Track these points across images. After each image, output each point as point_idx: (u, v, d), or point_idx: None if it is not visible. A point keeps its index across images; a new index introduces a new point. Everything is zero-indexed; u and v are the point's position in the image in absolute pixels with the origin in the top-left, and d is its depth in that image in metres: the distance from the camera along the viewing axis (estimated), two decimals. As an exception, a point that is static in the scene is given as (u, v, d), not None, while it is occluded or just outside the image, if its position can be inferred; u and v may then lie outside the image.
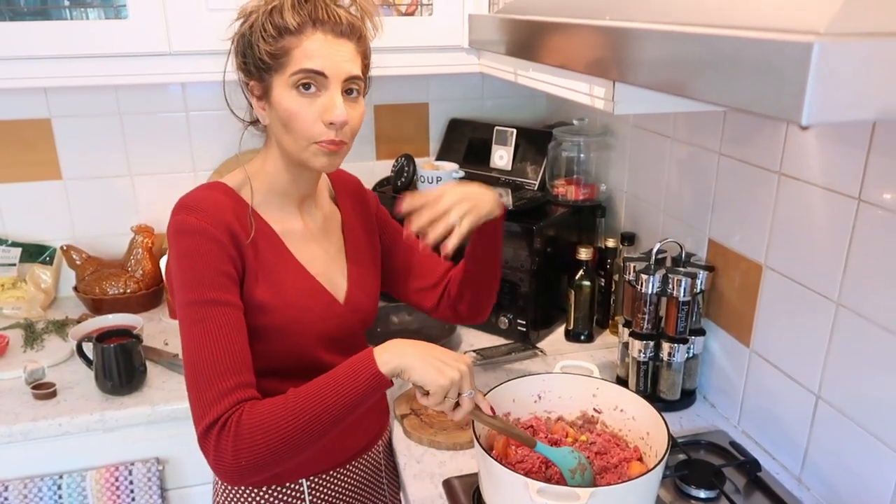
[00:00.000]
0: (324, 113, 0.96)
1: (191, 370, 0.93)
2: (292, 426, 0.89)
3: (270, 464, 0.89)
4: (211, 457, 0.90)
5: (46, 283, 1.79)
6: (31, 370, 1.42)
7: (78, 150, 1.78)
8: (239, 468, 0.88)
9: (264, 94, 1.00)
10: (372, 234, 1.22)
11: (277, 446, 0.88)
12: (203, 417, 0.90)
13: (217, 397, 0.90)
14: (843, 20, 0.43)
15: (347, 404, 0.90)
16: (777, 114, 0.44)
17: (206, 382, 0.91)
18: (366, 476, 1.20)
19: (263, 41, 0.96)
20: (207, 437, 0.89)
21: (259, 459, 0.88)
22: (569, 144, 1.68)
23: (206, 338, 0.92)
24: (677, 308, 1.27)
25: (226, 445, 0.88)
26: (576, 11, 0.84)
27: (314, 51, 0.95)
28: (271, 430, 0.88)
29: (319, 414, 0.89)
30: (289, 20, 0.95)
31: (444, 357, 0.94)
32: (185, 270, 0.95)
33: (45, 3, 1.41)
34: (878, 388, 0.98)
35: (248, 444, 0.88)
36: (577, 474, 0.98)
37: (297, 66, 0.95)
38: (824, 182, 1.04)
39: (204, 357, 0.92)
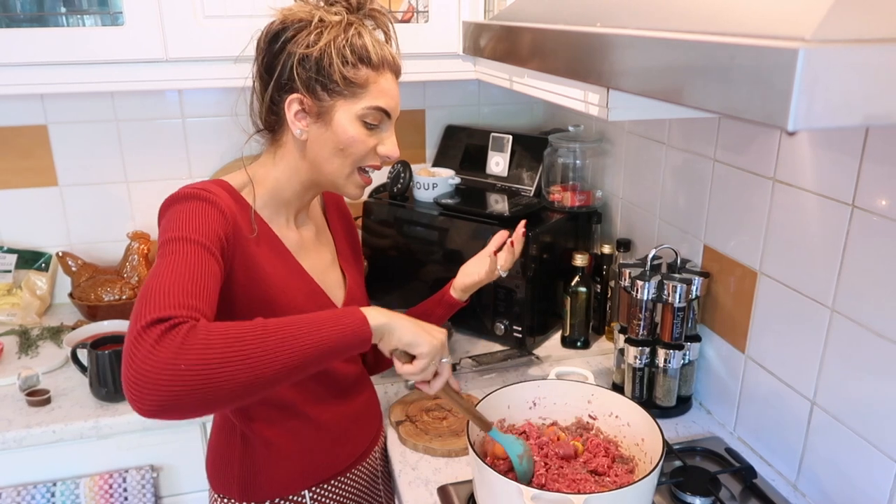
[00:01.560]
0: (380, 146, 1.03)
1: (150, 283, 0.80)
2: (256, 348, 0.76)
3: (210, 383, 0.73)
4: (142, 351, 0.72)
5: (42, 289, 1.79)
6: (26, 377, 1.42)
7: (74, 157, 1.78)
8: (173, 373, 0.71)
9: (319, 114, 0.99)
10: (355, 247, 1.25)
11: (231, 362, 0.74)
12: (149, 313, 0.75)
13: (177, 304, 0.77)
14: (829, 27, 0.43)
15: (321, 345, 0.81)
16: (764, 120, 0.45)
17: (168, 291, 0.78)
18: (365, 483, 1.20)
19: (341, 63, 0.96)
20: (148, 330, 0.73)
21: (202, 370, 0.72)
22: (565, 151, 1.69)
23: (182, 264, 0.83)
24: (673, 314, 1.27)
25: (171, 340, 0.73)
26: (569, 18, 0.85)
27: (388, 90, 1.01)
28: (231, 341, 0.75)
29: (288, 343, 0.79)
30: (373, 55, 0.98)
31: (427, 324, 0.95)
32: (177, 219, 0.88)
33: (41, 9, 1.41)
34: (872, 394, 0.98)
35: (200, 345, 0.73)
36: (523, 460, 1.02)
37: (373, 102, 0.99)
38: (818, 188, 1.04)
39: (174, 274, 0.81)
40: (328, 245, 1.17)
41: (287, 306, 1.01)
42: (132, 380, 0.72)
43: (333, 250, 1.18)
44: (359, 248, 1.27)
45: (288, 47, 0.97)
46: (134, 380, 0.72)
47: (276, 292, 1.00)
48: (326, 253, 1.16)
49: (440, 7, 1.56)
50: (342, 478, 1.15)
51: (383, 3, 1.56)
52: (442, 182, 1.73)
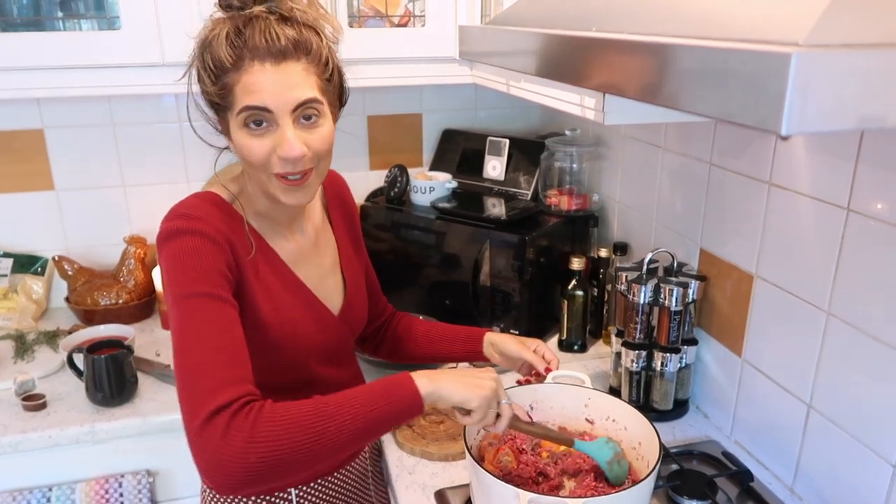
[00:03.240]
0: (277, 149, 0.90)
1: (183, 362, 0.82)
2: (318, 431, 0.80)
3: (282, 467, 0.79)
4: (213, 444, 0.76)
5: (38, 293, 1.78)
6: (22, 381, 1.41)
7: (70, 161, 1.78)
8: (246, 464, 0.76)
9: (226, 131, 0.96)
10: (358, 242, 1.22)
11: (298, 446, 0.79)
12: (206, 403, 0.78)
13: (222, 385, 0.80)
14: (822, 31, 0.43)
15: (378, 420, 0.84)
16: (757, 124, 0.45)
17: (207, 371, 0.81)
18: (353, 482, 1.20)
19: (207, 80, 0.90)
20: (212, 421, 0.77)
21: (273, 458, 0.77)
22: (561, 155, 1.69)
23: (203, 329, 0.83)
24: (669, 318, 1.27)
25: (238, 432, 0.76)
26: (564, 23, 0.85)
27: (254, 84, 0.87)
28: (296, 425, 0.79)
29: (349, 425, 0.82)
30: (223, 55, 0.88)
31: (475, 373, 0.94)
32: (180, 267, 0.88)
33: (38, 14, 1.42)
34: (869, 398, 0.98)
35: (267, 435, 0.77)
36: (614, 465, 1.00)
37: (241, 104, 0.89)
38: (814, 192, 1.04)
39: (204, 346, 0.82)
40: (329, 247, 1.14)
41: (280, 323, 1.01)
42: (207, 469, 0.78)
43: (335, 251, 1.15)
44: (360, 243, 1.23)
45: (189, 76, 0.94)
46: (210, 469, 0.78)
47: (270, 312, 0.99)
48: (327, 256, 1.13)
49: (437, 11, 1.56)
50: (330, 477, 1.14)
51: (380, 7, 1.57)
52: (439, 186, 1.73)
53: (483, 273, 1.59)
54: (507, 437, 1.08)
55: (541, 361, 1.16)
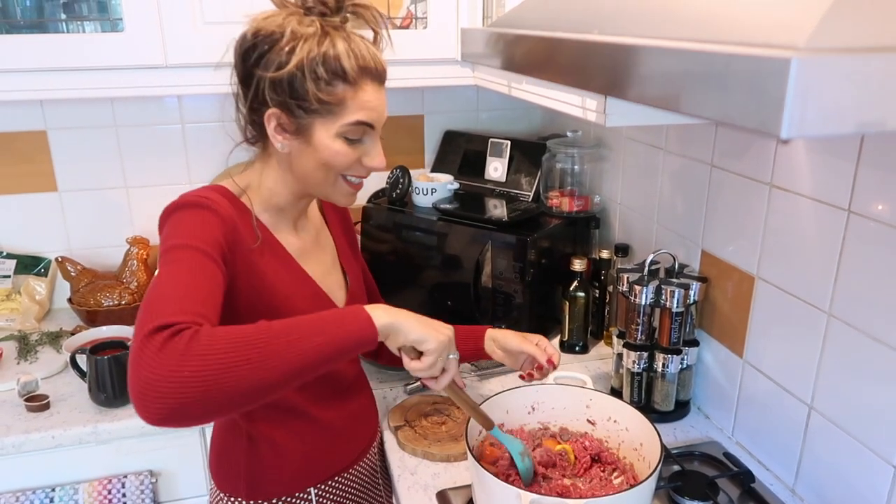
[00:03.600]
0: (365, 158, 1.00)
1: (152, 293, 0.80)
2: (260, 351, 0.76)
3: (215, 388, 0.73)
4: (147, 358, 0.72)
5: (41, 294, 1.79)
6: (25, 382, 1.42)
7: (73, 162, 1.78)
8: (178, 380, 0.71)
9: (297, 131, 0.96)
10: (354, 245, 1.25)
11: (235, 366, 0.74)
12: (155, 319, 0.74)
13: (175, 311, 0.76)
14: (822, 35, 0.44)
15: (327, 345, 0.80)
16: (758, 127, 0.45)
17: (171, 299, 0.78)
18: (366, 479, 1.22)
19: (315, 85, 0.92)
20: (152, 337, 0.73)
21: (207, 375, 0.72)
22: (563, 156, 1.69)
23: (181, 271, 0.82)
24: (671, 319, 1.28)
25: (174, 347, 0.72)
26: (566, 26, 0.85)
27: (368, 102, 0.96)
28: (235, 344, 0.75)
29: (294, 346, 0.78)
30: (348, 69, 0.92)
31: (431, 320, 0.93)
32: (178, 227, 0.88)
33: (41, 16, 1.42)
34: (870, 399, 0.98)
35: (204, 350, 0.73)
36: (525, 457, 1.03)
37: (352, 118, 0.95)
38: (815, 194, 1.05)
39: (177, 282, 0.81)
40: (328, 246, 1.17)
41: (291, 313, 1.01)
42: (137, 389, 0.72)
43: (334, 251, 1.18)
44: (356, 245, 1.27)
45: (258, 70, 0.93)
46: (139, 389, 0.72)
47: (279, 299, 1.01)
48: (327, 254, 1.16)
49: (439, 13, 1.57)
50: (345, 474, 1.17)
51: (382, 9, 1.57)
52: (441, 187, 1.74)
53: (485, 274, 1.59)
54: None
55: (542, 353, 1.17)
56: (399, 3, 1.59)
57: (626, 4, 0.76)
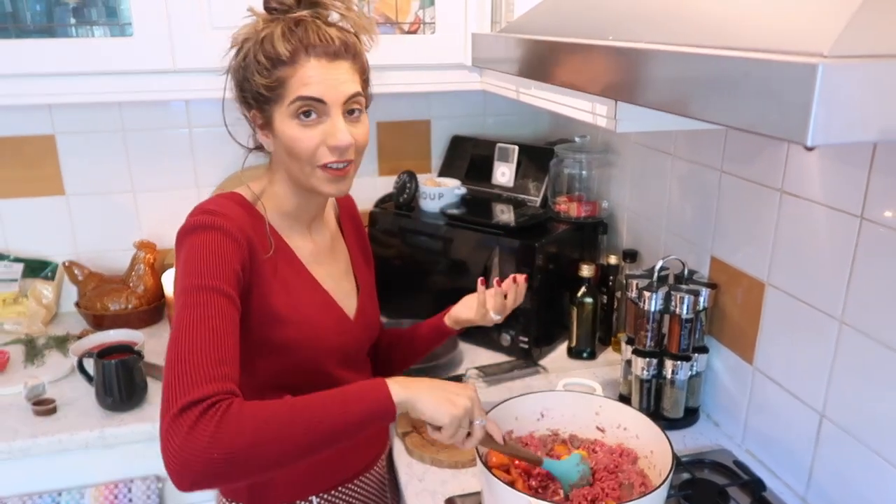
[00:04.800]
0: (327, 138, 0.96)
1: (176, 349, 0.83)
2: (285, 428, 0.80)
3: (244, 465, 0.78)
4: (178, 438, 0.77)
5: (48, 298, 1.79)
6: (32, 386, 1.41)
7: (81, 166, 1.78)
8: (208, 459, 0.76)
9: (266, 125, 0.99)
10: (367, 257, 1.25)
11: (263, 444, 0.79)
12: (183, 395, 0.79)
13: (205, 380, 0.80)
14: (847, 42, 0.43)
15: (348, 422, 0.84)
16: (782, 135, 0.45)
17: (194, 364, 0.81)
18: (372, 491, 1.21)
19: (258, 74, 0.94)
20: (182, 415, 0.77)
21: (236, 455, 0.77)
22: (571, 161, 1.69)
23: (201, 322, 0.85)
24: (680, 325, 1.27)
25: (204, 429, 0.77)
26: (578, 31, 0.85)
27: (310, 77, 0.94)
28: (262, 424, 0.79)
29: (317, 424, 0.82)
30: (280, 50, 0.93)
31: (452, 388, 0.93)
32: (194, 260, 0.90)
33: (51, 20, 1.42)
34: (882, 407, 0.97)
35: (232, 432, 0.77)
36: (582, 464, 1.00)
37: (295, 94, 0.94)
38: (826, 200, 1.04)
39: (195, 340, 0.84)
40: (342, 253, 1.18)
41: (298, 321, 1.02)
42: (170, 462, 0.78)
43: (348, 259, 1.19)
44: (370, 255, 1.27)
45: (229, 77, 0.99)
46: (172, 462, 0.78)
47: (288, 310, 1.01)
48: (341, 262, 1.16)
49: (447, 19, 1.57)
50: (350, 485, 1.16)
51: (390, 14, 1.57)
52: (448, 192, 1.73)
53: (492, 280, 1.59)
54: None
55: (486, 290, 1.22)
56: (407, 9, 1.59)
57: (640, 10, 0.76)
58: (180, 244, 0.94)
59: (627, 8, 0.79)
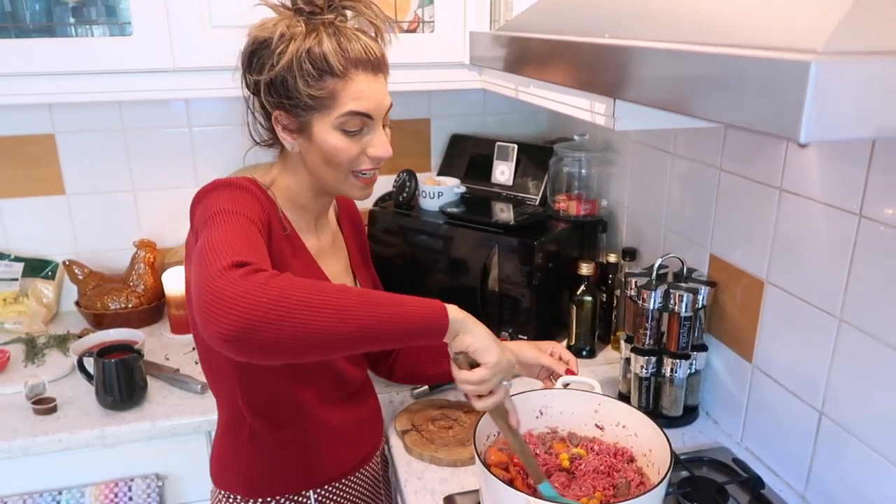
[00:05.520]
0: (369, 149, 0.99)
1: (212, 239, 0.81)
2: (336, 299, 0.77)
3: (291, 322, 0.74)
4: (230, 283, 0.73)
5: (48, 297, 1.79)
6: (32, 385, 1.42)
7: (81, 166, 1.79)
8: (257, 302, 0.72)
9: (300, 129, 0.98)
10: (366, 257, 1.26)
11: (312, 307, 0.75)
12: (227, 256, 0.76)
13: (245, 255, 0.78)
14: (841, 39, 0.43)
15: (399, 319, 0.81)
16: (776, 132, 0.45)
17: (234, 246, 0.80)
18: (367, 486, 1.21)
19: (304, 82, 0.94)
20: (231, 270, 0.75)
21: (286, 307, 0.73)
22: (570, 160, 1.69)
23: (237, 229, 0.84)
24: (679, 323, 1.27)
25: (255, 279, 0.74)
26: (576, 29, 0.85)
27: (360, 93, 0.96)
28: (314, 289, 0.77)
29: (368, 308, 0.79)
30: (333, 63, 0.93)
31: (498, 340, 0.93)
32: (220, 198, 0.90)
33: (50, 20, 1.42)
34: (881, 405, 0.97)
35: (285, 286, 0.75)
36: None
37: (345, 109, 0.95)
38: (825, 198, 1.04)
39: (233, 234, 0.82)
40: (342, 252, 1.19)
41: None
42: (211, 301, 0.73)
43: (346, 258, 1.20)
44: (368, 256, 1.28)
45: (254, 75, 0.97)
46: (213, 301, 0.73)
47: None
48: (341, 260, 1.17)
49: (446, 17, 1.57)
50: (346, 480, 1.16)
51: (390, 13, 1.57)
52: (447, 191, 1.73)
53: (491, 278, 1.59)
54: None
55: (560, 364, 1.16)
56: (406, 7, 1.59)
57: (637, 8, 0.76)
58: (199, 200, 0.93)
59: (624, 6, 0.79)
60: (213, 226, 0.85)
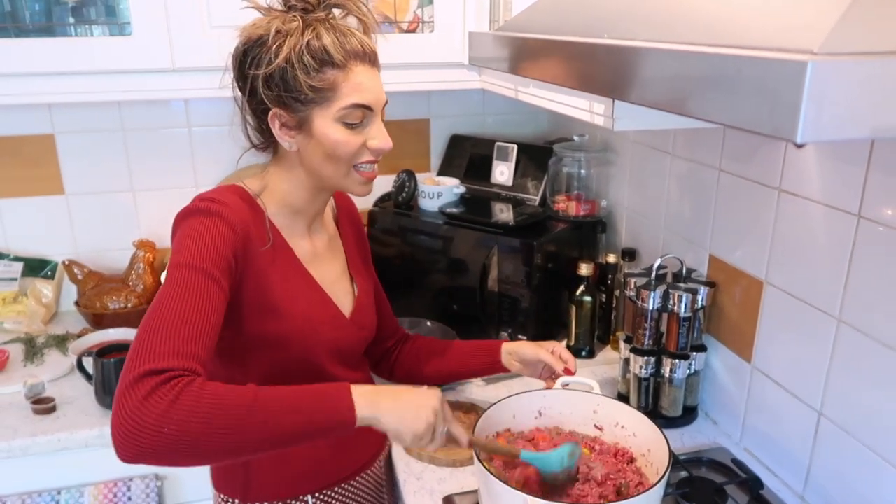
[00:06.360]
0: (370, 141, 1.00)
1: (150, 320, 0.81)
2: (243, 419, 0.77)
3: (192, 447, 0.75)
4: (132, 405, 0.74)
5: (47, 297, 1.79)
6: (31, 385, 1.42)
7: (81, 166, 1.79)
8: (158, 433, 0.73)
9: (299, 125, 0.98)
10: (366, 257, 1.25)
11: (215, 430, 0.76)
12: (146, 363, 0.76)
13: (171, 353, 0.78)
14: (838, 39, 0.43)
15: (306, 428, 0.82)
16: (772, 132, 0.45)
17: (164, 337, 0.79)
18: (369, 491, 1.21)
19: (305, 74, 0.94)
20: (141, 382, 0.75)
21: (186, 435, 0.74)
22: (569, 160, 1.69)
23: (185, 300, 0.83)
24: (678, 324, 1.27)
25: (160, 400, 0.74)
26: (575, 30, 0.85)
27: (361, 84, 0.96)
28: (219, 409, 0.77)
29: (275, 423, 0.80)
30: (334, 54, 0.94)
31: (417, 400, 0.90)
32: (188, 240, 0.90)
33: (50, 20, 1.42)
34: (880, 405, 0.97)
35: (188, 409, 0.75)
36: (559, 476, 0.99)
37: (347, 101, 0.96)
38: (824, 198, 1.04)
39: (171, 313, 0.82)
40: (339, 254, 1.18)
41: (294, 315, 1.02)
42: (118, 429, 0.75)
43: (345, 260, 1.18)
44: (369, 258, 1.27)
45: (251, 71, 0.96)
46: (120, 429, 0.75)
47: (284, 303, 1.01)
48: (338, 262, 1.16)
49: (445, 17, 1.57)
50: (345, 485, 1.16)
51: (389, 13, 1.57)
52: (447, 191, 1.73)
53: (491, 278, 1.59)
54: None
55: (559, 363, 1.18)
56: (406, 7, 1.59)
57: (635, 8, 0.76)
58: (176, 227, 0.94)
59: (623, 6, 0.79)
60: (162, 290, 0.85)
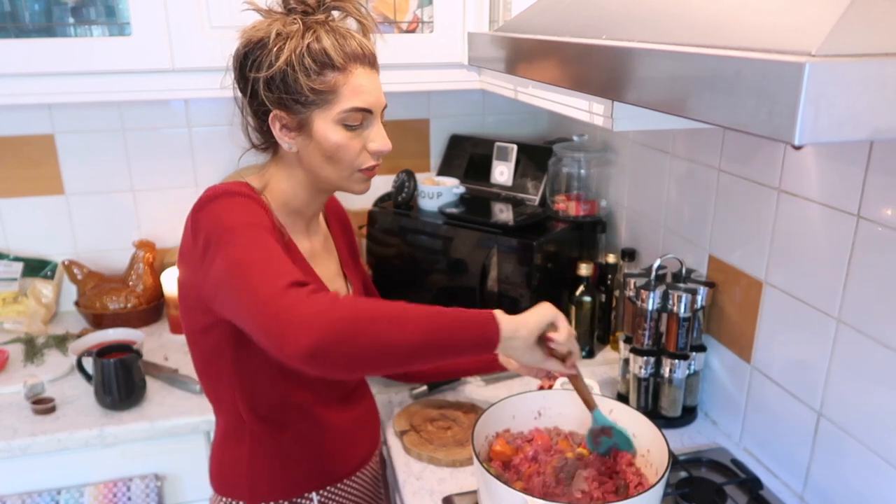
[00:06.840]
0: (369, 144, 1.01)
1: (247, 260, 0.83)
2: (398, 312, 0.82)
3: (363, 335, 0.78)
4: (296, 304, 0.77)
5: (47, 297, 1.79)
6: (31, 385, 1.42)
7: (81, 166, 1.79)
8: (330, 320, 0.76)
9: (299, 127, 0.98)
10: (355, 255, 1.26)
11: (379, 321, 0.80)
12: (284, 277, 0.80)
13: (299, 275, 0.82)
14: (835, 41, 0.43)
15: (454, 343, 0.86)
16: (770, 134, 0.45)
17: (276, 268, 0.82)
18: (368, 486, 1.22)
19: (305, 76, 0.94)
20: (293, 289, 0.78)
21: (356, 322, 0.78)
22: (569, 160, 1.69)
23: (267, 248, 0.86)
24: (678, 324, 1.27)
25: (322, 297, 0.78)
26: (574, 30, 0.85)
27: (361, 87, 0.97)
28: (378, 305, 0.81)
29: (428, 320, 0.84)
30: (334, 57, 0.94)
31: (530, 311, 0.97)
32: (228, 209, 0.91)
33: (49, 20, 1.43)
34: (880, 406, 0.97)
35: (351, 302, 0.79)
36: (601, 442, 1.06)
37: (347, 104, 0.96)
38: (823, 199, 1.04)
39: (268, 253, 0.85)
40: (333, 253, 1.19)
41: None
42: (284, 323, 0.76)
43: (337, 260, 1.20)
44: (358, 254, 1.28)
45: (252, 73, 0.97)
46: (286, 323, 0.76)
47: None
48: (333, 261, 1.17)
49: (445, 18, 1.57)
50: (347, 481, 1.16)
51: (389, 13, 1.57)
52: (446, 191, 1.73)
53: (490, 278, 1.59)
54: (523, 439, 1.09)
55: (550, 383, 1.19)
56: (405, 8, 1.59)
57: (634, 9, 0.76)
58: (199, 212, 0.94)
59: (622, 7, 0.79)
60: (237, 242, 0.87)
